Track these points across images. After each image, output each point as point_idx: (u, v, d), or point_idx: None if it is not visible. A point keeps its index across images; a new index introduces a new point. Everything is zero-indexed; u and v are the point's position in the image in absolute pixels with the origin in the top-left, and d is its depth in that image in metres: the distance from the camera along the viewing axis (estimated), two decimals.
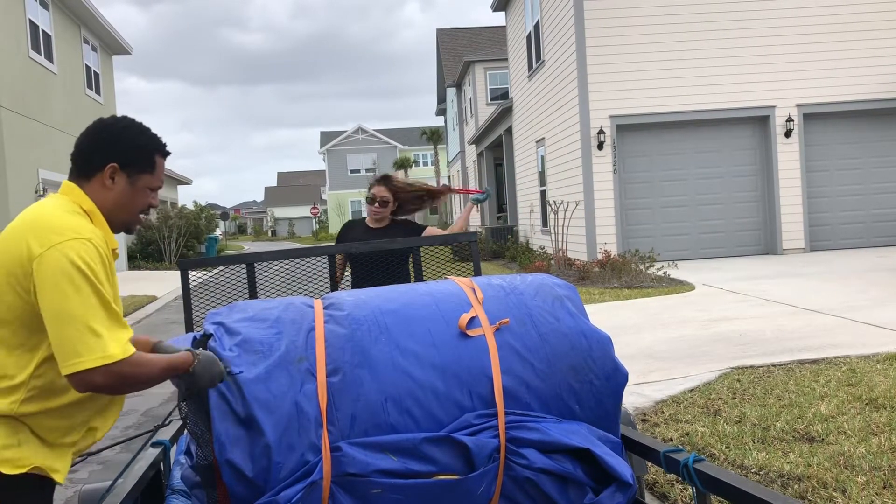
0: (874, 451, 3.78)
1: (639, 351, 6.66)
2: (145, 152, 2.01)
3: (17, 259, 1.78)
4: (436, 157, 47.66)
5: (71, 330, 1.72)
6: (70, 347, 1.71)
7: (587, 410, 2.29)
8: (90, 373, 1.71)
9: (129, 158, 1.98)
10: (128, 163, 1.98)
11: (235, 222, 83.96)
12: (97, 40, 21.17)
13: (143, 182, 2.01)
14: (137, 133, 2.01)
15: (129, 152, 1.98)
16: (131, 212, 2.02)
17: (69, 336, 1.72)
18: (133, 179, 1.99)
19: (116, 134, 1.99)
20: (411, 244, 3.92)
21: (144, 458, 2.55)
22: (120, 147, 1.97)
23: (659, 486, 3.69)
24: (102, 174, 1.95)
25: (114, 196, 1.97)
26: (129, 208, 2.00)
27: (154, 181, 2.04)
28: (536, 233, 18.50)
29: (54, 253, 1.75)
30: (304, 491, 1.99)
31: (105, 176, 1.95)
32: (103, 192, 1.96)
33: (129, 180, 1.98)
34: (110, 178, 1.96)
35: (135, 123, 2.04)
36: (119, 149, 1.97)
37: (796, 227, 14.17)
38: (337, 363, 2.17)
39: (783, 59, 13.95)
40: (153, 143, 2.03)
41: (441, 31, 37.18)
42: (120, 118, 2.05)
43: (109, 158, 1.96)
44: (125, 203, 1.99)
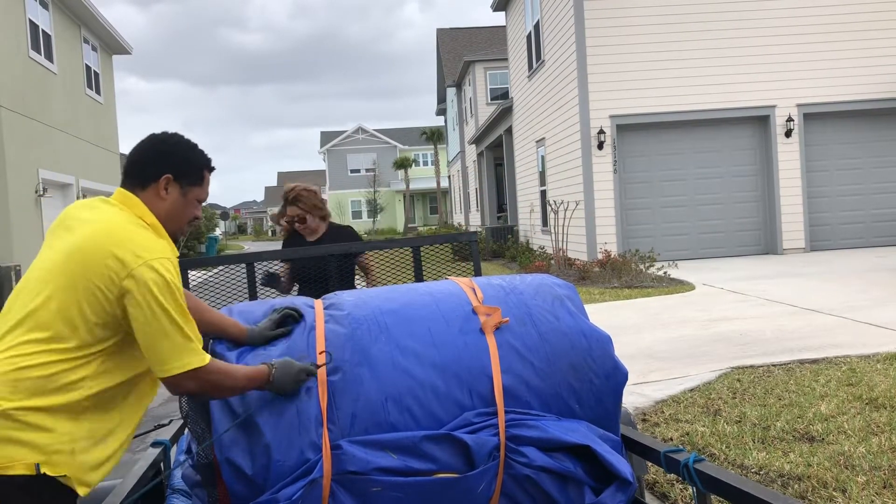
0: (874, 451, 3.78)
1: (639, 351, 6.67)
2: (196, 166, 2.14)
3: (103, 270, 1.88)
4: (436, 157, 47.65)
5: (167, 339, 1.87)
6: (166, 354, 1.88)
7: (587, 409, 2.29)
8: (184, 376, 1.89)
9: (182, 171, 2.10)
10: (181, 175, 2.10)
11: (235, 222, 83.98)
12: (97, 40, 21.18)
13: (193, 194, 2.13)
14: (189, 148, 2.15)
15: (183, 165, 2.11)
16: (181, 222, 2.13)
17: (165, 345, 1.87)
18: (185, 191, 2.11)
19: (171, 147, 2.12)
20: (411, 244, 3.92)
21: (144, 458, 2.55)
22: (174, 160, 2.10)
23: (659, 486, 3.69)
24: (158, 184, 2.07)
25: (167, 206, 2.08)
26: (179, 218, 2.12)
27: (202, 193, 2.17)
28: (536, 233, 18.51)
29: (147, 270, 1.88)
30: (305, 489, 1.99)
31: (160, 186, 2.07)
32: (157, 202, 2.07)
33: (181, 191, 2.10)
34: (165, 189, 2.07)
35: (186, 139, 2.18)
36: (173, 161, 2.09)
37: (796, 227, 14.17)
38: (337, 362, 2.17)
39: (783, 58, 13.95)
40: (203, 159, 2.17)
41: (441, 30, 37.18)
42: (172, 134, 2.18)
43: (165, 170, 2.07)
44: (177, 213, 2.10)
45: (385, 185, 58.02)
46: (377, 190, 56.08)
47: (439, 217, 47.57)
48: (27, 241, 14.99)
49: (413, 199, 57.92)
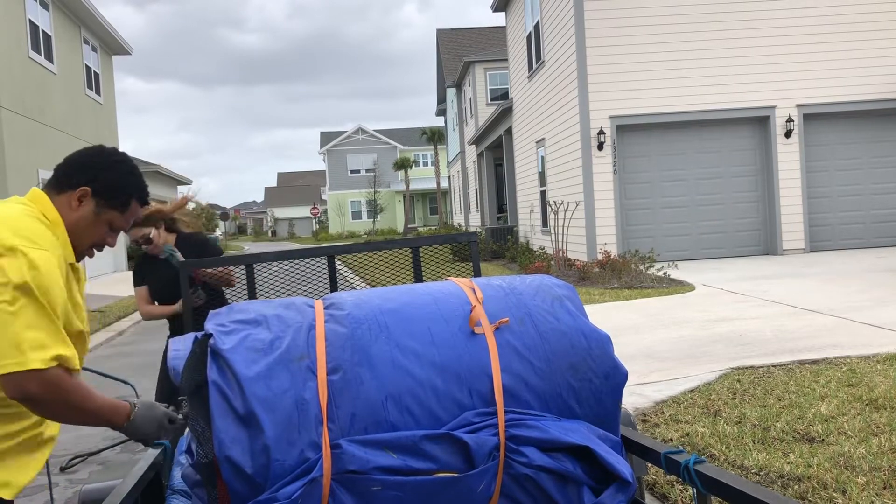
0: (874, 452, 3.78)
1: (639, 351, 6.67)
2: (124, 191, 2.00)
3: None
4: (436, 158, 47.67)
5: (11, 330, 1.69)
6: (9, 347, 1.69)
7: (587, 409, 2.29)
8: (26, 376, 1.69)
9: (105, 189, 1.97)
10: (101, 192, 1.96)
11: (235, 222, 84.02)
12: (97, 40, 21.18)
13: (108, 216, 1.99)
14: (124, 171, 2.01)
15: (108, 184, 1.97)
16: (83, 241, 1.98)
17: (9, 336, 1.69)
18: (100, 210, 1.97)
19: (103, 162, 1.98)
20: (411, 245, 3.92)
21: (144, 458, 2.55)
22: (102, 174, 1.96)
23: (659, 487, 3.69)
24: (72, 194, 1.94)
25: (73, 219, 1.95)
26: (82, 236, 1.97)
27: (120, 221, 2.02)
28: (536, 233, 18.51)
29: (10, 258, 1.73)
30: (304, 488, 1.99)
31: (74, 196, 1.94)
32: (66, 211, 1.94)
33: (96, 209, 1.96)
34: (78, 200, 1.94)
35: (128, 162, 2.04)
36: (101, 177, 1.96)
37: (796, 227, 14.18)
38: (337, 361, 2.17)
39: (783, 59, 13.96)
40: (136, 186, 2.03)
41: (441, 31, 37.21)
42: (120, 152, 2.05)
43: (85, 181, 1.95)
44: (81, 230, 1.96)
45: (385, 186, 58.05)
46: (377, 190, 56.12)
47: (439, 217, 47.58)
48: None
49: (413, 200, 57.94)
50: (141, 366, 8.51)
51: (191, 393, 2.18)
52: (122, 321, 12.14)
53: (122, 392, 2.58)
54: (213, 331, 2.27)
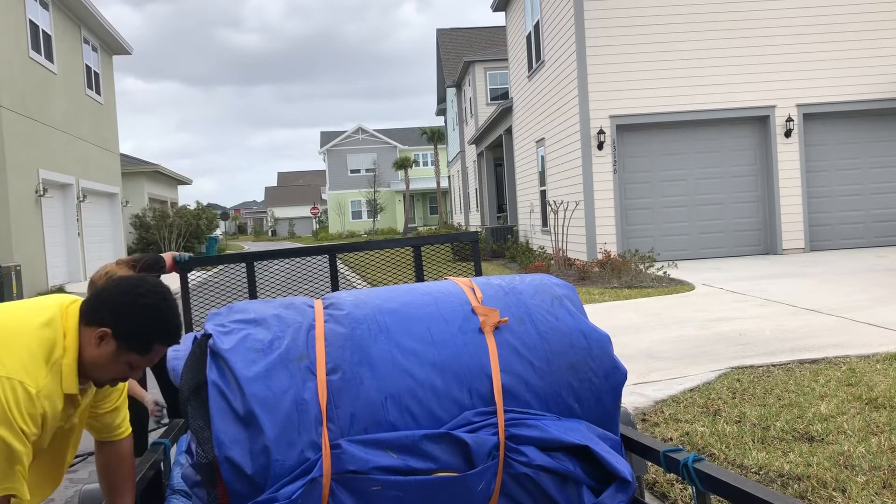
0: (874, 451, 3.78)
1: (639, 351, 6.67)
2: (147, 338, 1.96)
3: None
4: (436, 157, 47.65)
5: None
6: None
7: (586, 408, 2.29)
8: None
9: (127, 335, 1.94)
10: (121, 336, 1.94)
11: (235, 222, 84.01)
12: (97, 40, 21.17)
13: (127, 358, 1.97)
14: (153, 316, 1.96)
15: (131, 330, 1.94)
16: (102, 376, 1.99)
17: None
18: (120, 352, 1.95)
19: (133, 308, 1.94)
20: (411, 244, 3.92)
21: (144, 457, 2.55)
22: (125, 321, 1.93)
23: (659, 486, 3.69)
24: (95, 330, 1.93)
25: (94, 355, 1.94)
26: (101, 372, 1.97)
27: (141, 362, 2.00)
28: (536, 233, 18.51)
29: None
30: (305, 488, 2.00)
31: (95, 335, 1.93)
32: (88, 345, 1.94)
33: (116, 350, 1.94)
34: (98, 339, 1.93)
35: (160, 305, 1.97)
36: (123, 322, 1.93)
37: (796, 227, 14.18)
38: (337, 362, 2.17)
39: (783, 59, 13.96)
40: (160, 332, 1.98)
41: (441, 31, 37.20)
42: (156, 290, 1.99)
43: (108, 323, 1.93)
44: (101, 367, 1.96)
45: (385, 186, 58.04)
46: (377, 190, 56.10)
47: (439, 217, 47.57)
48: (27, 241, 14.99)
49: (413, 200, 57.92)
50: None
51: (190, 393, 2.18)
52: None
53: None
54: (213, 331, 2.27)
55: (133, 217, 25.49)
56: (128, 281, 1.98)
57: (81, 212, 18.63)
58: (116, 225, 22.88)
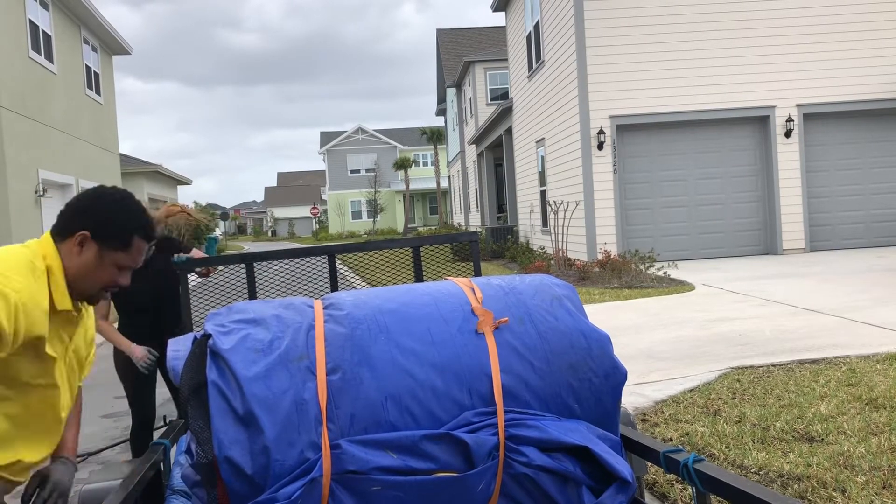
0: (874, 451, 3.78)
1: (639, 351, 6.67)
2: (124, 231, 1.97)
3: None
4: (436, 157, 47.66)
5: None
6: None
7: (586, 409, 2.29)
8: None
9: (105, 232, 1.94)
10: (100, 235, 1.94)
11: (235, 222, 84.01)
12: (97, 40, 21.19)
13: (112, 258, 1.97)
14: (121, 210, 1.97)
15: (107, 226, 1.94)
16: (91, 284, 1.98)
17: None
18: (103, 253, 1.95)
19: (98, 204, 1.96)
20: (411, 244, 3.92)
21: (144, 457, 2.55)
22: (100, 218, 1.94)
23: (659, 486, 3.69)
24: (73, 239, 1.93)
25: (78, 264, 1.94)
26: (90, 280, 1.97)
27: (126, 260, 2.00)
28: (536, 233, 18.51)
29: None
30: (304, 488, 2.00)
31: (74, 241, 1.93)
32: (70, 257, 1.93)
33: (97, 252, 1.95)
34: (79, 245, 1.93)
35: (128, 200, 2.00)
36: (98, 219, 1.94)
37: (796, 227, 14.18)
38: (337, 362, 2.17)
39: (783, 59, 13.95)
40: (136, 224, 1.99)
41: (441, 31, 37.20)
42: (120, 190, 2.02)
43: (84, 226, 1.93)
44: (87, 274, 1.95)
45: (385, 186, 58.04)
46: (377, 190, 56.10)
47: (439, 217, 47.57)
48: None
49: (413, 200, 57.92)
50: None
51: (190, 393, 2.18)
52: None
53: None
54: (213, 331, 2.27)
55: None
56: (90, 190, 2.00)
57: None
58: None
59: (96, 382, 7.73)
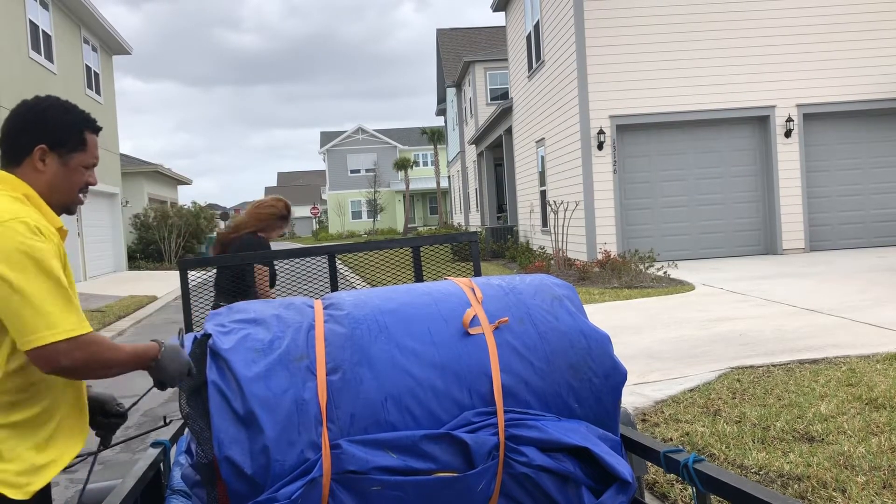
0: (874, 451, 3.78)
1: (639, 351, 6.67)
2: (74, 130, 1.94)
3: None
4: (436, 157, 47.66)
5: (28, 307, 1.66)
6: (30, 322, 1.66)
7: (586, 409, 2.29)
8: (54, 347, 1.66)
9: (58, 138, 1.91)
10: (57, 143, 1.91)
11: None
12: (97, 40, 21.18)
13: (76, 161, 1.94)
14: (63, 111, 1.94)
15: (58, 132, 1.91)
16: (69, 192, 1.95)
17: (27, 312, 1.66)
18: (65, 159, 1.92)
19: (41, 114, 1.92)
20: (411, 244, 3.92)
21: (144, 457, 2.55)
22: (47, 127, 1.90)
23: (659, 486, 3.69)
24: (32, 157, 1.89)
25: (47, 178, 1.90)
26: (65, 189, 1.94)
27: (88, 158, 1.97)
28: (536, 233, 18.51)
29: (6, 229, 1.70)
30: (304, 488, 2.00)
31: (35, 159, 1.89)
32: (36, 176, 1.89)
33: (60, 161, 1.92)
34: (41, 161, 1.89)
35: (59, 101, 1.97)
36: (47, 129, 1.90)
37: (796, 227, 14.17)
38: (337, 362, 2.17)
39: (783, 59, 13.95)
40: (81, 120, 1.96)
41: (441, 31, 37.20)
42: (43, 98, 1.97)
43: (37, 140, 1.89)
44: (60, 184, 1.92)
45: (385, 186, 58.03)
46: (377, 190, 56.09)
47: (439, 217, 47.57)
48: None
49: (413, 200, 57.91)
50: None
51: (190, 393, 2.18)
52: (122, 321, 12.13)
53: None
54: (213, 331, 2.27)
55: (133, 217, 25.50)
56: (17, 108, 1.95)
57: (81, 212, 18.62)
58: (116, 225, 22.88)
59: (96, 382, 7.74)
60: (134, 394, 3.95)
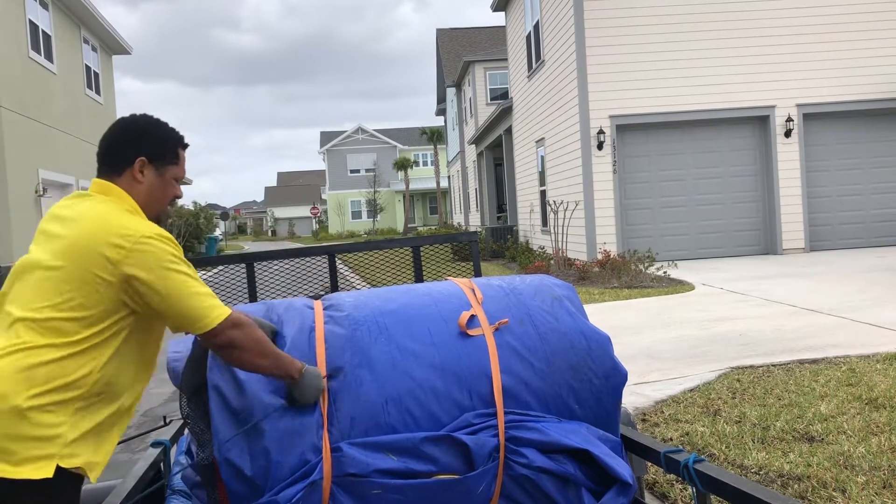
0: (874, 451, 3.78)
1: (639, 351, 6.67)
2: (170, 145, 2.13)
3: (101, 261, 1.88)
4: (436, 157, 47.65)
5: (196, 297, 1.91)
6: (201, 310, 1.91)
7: (587, 409, 2.29)
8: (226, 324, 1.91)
9: (156, 151, 2.09)
10: (155, 156, 2.09)
11: (235, 222, 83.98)
12: (97, 40, 21.18)
13: (170, 174, 2.13)
14: (160, 128, 2.14)
15: (156, 146, 2.10)
16: (162, 203, 2.13)
17: (195, 302, 1.91)
18: (161, 172, 2.10)
19: (142, 129, 2.10)
20: (411, 244, 3.92)
21: (144, 457, 2.55)
22: (147, 141, 2.09)
23: (659, 486, 3.69)
24: (133, 169, 2.06)
25: (145, 189, 2.08)
26: (160, 199, 2.12)
27: (179, 172, 2.16)
28: (536, 233, 18.51)
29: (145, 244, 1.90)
30: (305, 491, 1.99)
31: (135, 170, 2.06)
32: (135, 186, 2.06)
33: (157, 173, 2.09)
34: (140, 172, 2.06)
35: (155, 119, 2.16)
36: (146, 143, 2.08)
37: (796, 227, 14.17)
38: (337, 363, 2.17)
39: (783, 59, 13.95)
40: (175, 137, 2.16)
41: (441, 31, 37.19)
42: (140, 116, 2.16)
43: (139, 153, 2.07)
44: (156, 195, 2.10)
45: (385, 186, 58.01)
46: (377, 190, 56.07)
47: (439, 217, 47.57)
48: (27, 241, 14.99)
49: (413, 200, 57.90)
50: None
51: (191, 394, 2.18)
52: None
53: None
54: None
55: None
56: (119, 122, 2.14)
57: None
58: None
59: None
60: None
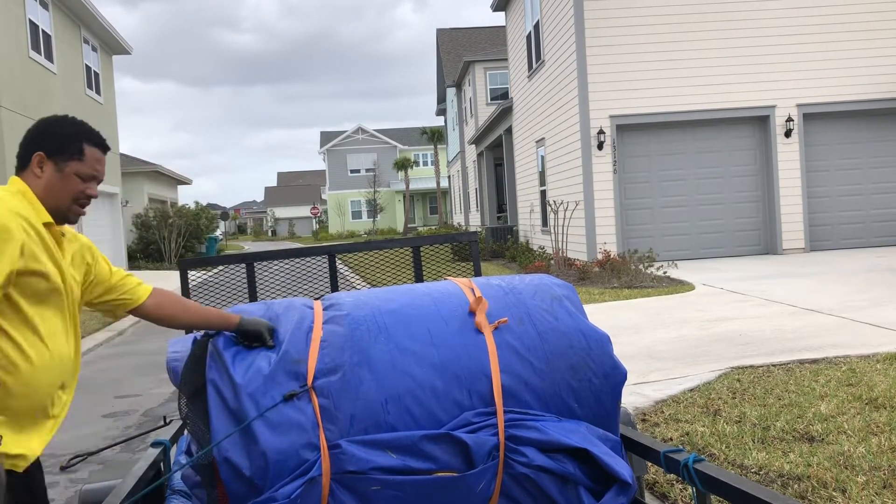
0: (874, 451, 3.78)
1: (639, 351, 6.66)
2: (72, 140, 2.12)
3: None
4: (436, 157, 47.65)
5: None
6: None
7: (586, 409, 2.29)
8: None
9: (56, 147, 2.10)
10: (54, 151, 2.10)
11: (235, 222, 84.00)
12: (97, 40, 21.18)
13: (70, 169, 2.11)
14: (66, 124, 2.15)
15: (55, 141, 2.11)
16: (62, 198, 2.10)
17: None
18: (61, 167, 2.10)
19: (44, 127, 2.13)
20: (411, 244, 3.92)
21: (144, 457, 2.55)
22: (46, 137, 2.11)
23: (659, 486, 3.69)
24: (31, 164, 2.09)
25: (43, 183, 2.08)
26: (59, 194, 2.10)
27: (83, 168, 2.13)
28: (536, 233, 18.51)
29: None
30: (304, 487, 2.00)
31: (33, 164, 2.09)
32: (34, 181, 2.09)
33: (56, 168, 2.09)
34: (39, 167, 2.08)
35: (67, 118, 2.17)
36: (45, 139, 2.10)
37: (796, 227, 14.17)
38: (337, 362, 2.17)
39: (783, 58, 13.95)
40: (81, 132, 2.15)
41: (441, 31, 37.19)
42: (52, 116, 2.18)
43: (37, 148, 2.09)
44: (55, 190, 2.09)
45: (385, 186, 58.01)
46: (377, 190, 56.07)
47: (439, 217, 47.57)
48: None
49: (413, 200, 57.90)
50: (142, 365, 8.52)
51: (190, 395, 2.18)
52: (122, 321, 12.14)
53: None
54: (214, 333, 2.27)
55: (134, 217, 25.51)
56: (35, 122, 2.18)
57: None
58: (116, 225, 22.87)
59: (96, 382, 7.73)
60: (135, 393, 3.94)
